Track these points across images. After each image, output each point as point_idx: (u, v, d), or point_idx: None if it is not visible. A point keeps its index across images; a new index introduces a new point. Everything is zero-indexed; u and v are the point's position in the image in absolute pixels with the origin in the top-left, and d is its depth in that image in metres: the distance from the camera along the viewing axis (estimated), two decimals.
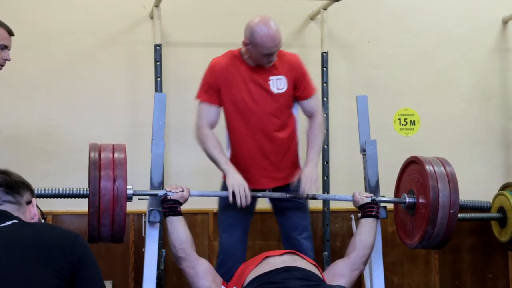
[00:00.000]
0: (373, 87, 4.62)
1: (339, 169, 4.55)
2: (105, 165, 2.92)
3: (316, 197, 3.31)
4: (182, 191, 3.02)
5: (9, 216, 2.08)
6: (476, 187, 4.68)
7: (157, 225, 3.13)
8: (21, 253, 1.95)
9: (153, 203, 3.10)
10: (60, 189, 3.16)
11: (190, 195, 3.07)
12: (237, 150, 3.27)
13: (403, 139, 4.70)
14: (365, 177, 3.40)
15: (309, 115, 3.37)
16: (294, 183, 3.24)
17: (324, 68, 4.44)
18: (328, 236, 4.40)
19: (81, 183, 4.35)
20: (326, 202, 4.41)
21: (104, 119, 4.40)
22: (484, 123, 4.77)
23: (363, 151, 3.40)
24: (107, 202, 2.86)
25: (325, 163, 4.43)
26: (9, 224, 2.04)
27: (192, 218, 4.33)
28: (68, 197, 3.17)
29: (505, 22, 4.80)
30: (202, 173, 4.34)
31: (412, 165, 3.36)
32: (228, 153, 3.31)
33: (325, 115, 4.42)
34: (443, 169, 3.19)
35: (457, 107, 4.76)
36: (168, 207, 2.98)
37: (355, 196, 3.20)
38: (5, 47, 3.06)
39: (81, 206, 3.48)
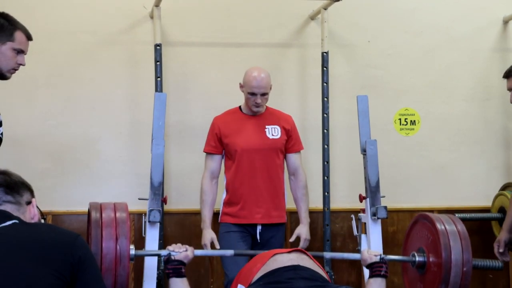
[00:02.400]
0: (373, 87, 4.62)
1: (339, 169, 4.55)
2: (106, 224, 2.78)
3: (323, 255, 3.48)
4: (186, 250, 2.88)
5: (9, 216, 2.07)
6: (476, 187, 4.68)
7: (157, 225, 3.13)
8: (21, 253, 1.95)
9: (153, 203, 3.09)
10: None
11: (194, 255, 2.93)
12: (235, 190, 3.70)
13: (404, 139, 4.70)
14: (365, 177, 3.40)
15: (293, 171, 3.83)
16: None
17: (325, 68, 4.43)
18: (328, 236, 4.40)
19: (81, 183, 4.37)
20: (326, 202, 4.40)
21: (104, 119, 4.39)
22: (484, 123, 4.76)
23: (363, 151, 3.40)
24: (109, 263, 2.71)
25: (325, 163, 4.42)
26: (9, 224, 2.04)
27: (192, 218, 4.33)
28: None
29: (505, 22, 4.80)
30: (202, 173, 4.34)
31: (421, 222, 3.22)
32: (224, 195, 3.76)
33: (325, 115, 4.43)
34: (454, 227, 3.08)
35: (458, 107, 4.76)
36: (172, 268, 2.81)
37: (363, 255, 3.03)
38: (21, 52, 2.98)
39: (81, 206, 3.48)
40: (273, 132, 3.72)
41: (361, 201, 3.43)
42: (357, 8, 4.67)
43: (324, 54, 4.44)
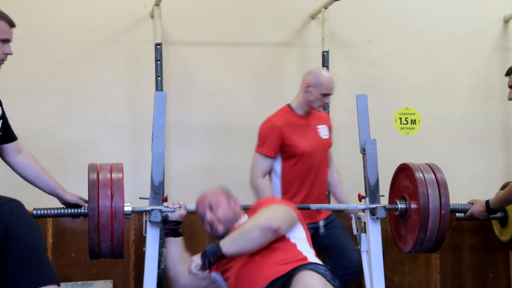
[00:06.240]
0: (374, 86, 4.62)
1: (339, 168, 4.54)
2: (103, 185, 2.98)
3: (309, 207, 3.48)
4: (180, 207, 3.10)
5: None
6: (477, 186, 4.68)
7: (158, 224, 3.13)
8: None
9: (154, 203, 3.10)
10: (60, 209, 3.18)
11: (187, 211, 3.13)
12: (297, 191, 3.68)
13: (404, 138, 4.70)
14: (364, 177, 3.40)
15: (329, 164, 3.92)
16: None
17: (325, 67, 4.44)
18: None
19: (81, 182, 4.35)
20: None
21: (105, 118, 4.39)
22: (485, 122, 4.76)
23: (362, 150, 3.40)
24: (105, 219, 2.92)
25: None
26: None
27: (192, 217, 4.29)
28: (68, 216, 3.18)
29: (506, 21, 4.80)
30: (203, 172, 4.35)
31: (403, 172, 3.39)
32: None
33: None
34: (432, 175, 3.23)
35: (458, 106, 4.76)
36: (170, 228, 3.06)
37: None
38: (7, 41, 2.88)
39: None
40: (324, 132, 3.81)
41: (360, 201, 3.43)
42: (357, 8, 4.67)
43: (325, 53, 4.44)
